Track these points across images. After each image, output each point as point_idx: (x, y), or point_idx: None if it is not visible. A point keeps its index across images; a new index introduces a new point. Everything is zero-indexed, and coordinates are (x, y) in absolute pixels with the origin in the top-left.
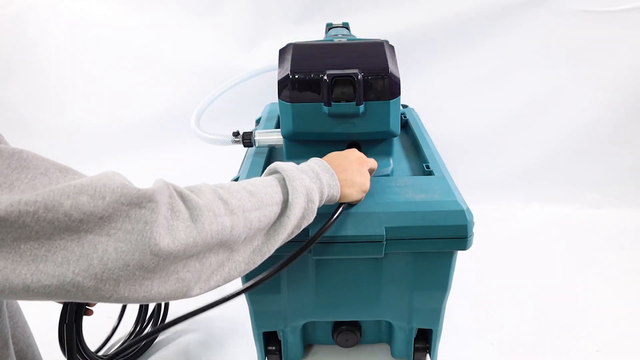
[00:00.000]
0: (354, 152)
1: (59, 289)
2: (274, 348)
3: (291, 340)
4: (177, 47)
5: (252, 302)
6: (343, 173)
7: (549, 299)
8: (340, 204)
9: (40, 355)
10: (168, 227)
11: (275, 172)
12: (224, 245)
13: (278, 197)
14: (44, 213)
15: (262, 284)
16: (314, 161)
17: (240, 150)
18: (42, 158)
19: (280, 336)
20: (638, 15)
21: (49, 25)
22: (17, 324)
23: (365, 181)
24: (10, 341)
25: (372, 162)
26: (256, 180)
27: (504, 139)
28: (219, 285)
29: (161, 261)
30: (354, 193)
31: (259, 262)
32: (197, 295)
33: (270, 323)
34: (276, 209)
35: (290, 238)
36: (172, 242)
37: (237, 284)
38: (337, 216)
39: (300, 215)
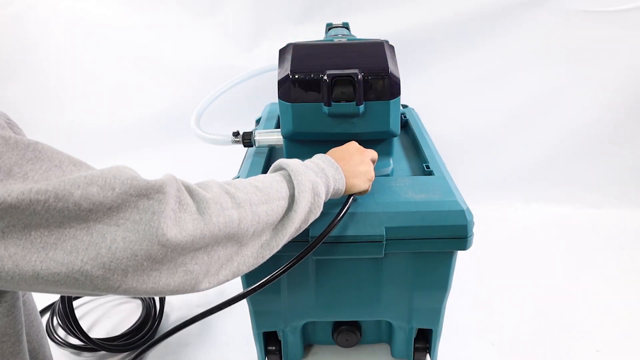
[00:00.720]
0: (353, 144)
1: (68, 278)
2: (274, 348)
3: (291, 340)
4: (177, 47)
5: (252, 302)
6: (346, 165)
7: (549, 299)
8: (349, 196)
9: (51, 356)
10: (175, 219)
11: (280, 168)
12: (232, 238)
13: (285, 192)
14: (54, 202)
15: (280, 277)
16: (318, 157)
17: (240, 150)
18: (57, 151)
19: (280, 336)
20: (638, 15)
21: (49, 25)
22: (33, 324)
23: (369, 169)
24: (24, 338)
25: (372, 152)
26: (262, 176)
27: (504, 139)
28: (227, 280)
29: (169, 252)
30: (361, 183)
31: (268, 257)
32: (205, 289)
33: (270, 323)
34: (283, 204)
35: (298, 233)
36: (180, 233)
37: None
38: (348, 207)
39: (307, 210)
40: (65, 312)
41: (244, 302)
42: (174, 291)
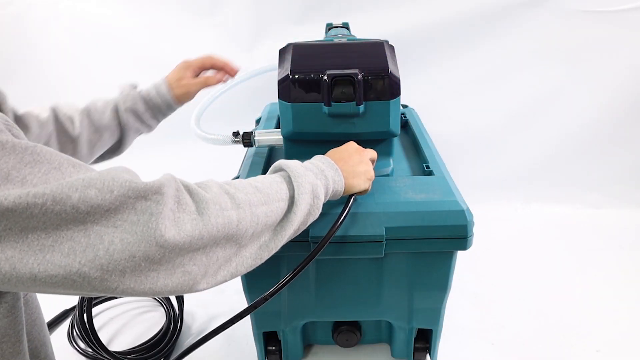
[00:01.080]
0: (351, 144)
1: (65, 279)
2: (274, 348)
3: (291, 340)
4: (177, 47)
5: (252, 303)
6: (345, 165)
7: (549, 299)
8: (349, 196)
9: (53, 355)
10: (174, 219)
11: (280, 169)
12: (231, 239)
13: (284, 194)
14: (52, 205)
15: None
16: (317, 158)
17: (240, 150)
18: (56, 153)
19: (280, 336)
20: (638, 15)
21: (49, 25)
22: (35, 322)
23: (368, 169)
24: (25, 338)
25: (371, 152)
26: (262, 177)
27: (504, 139)
28: (226, 281)
29: (167, 253)
30: (360, 183)
31: (266, 258)
32: (203, 289)
33: (270, 323)
34: (283, 205)
35: (297, 234)
36: (178, 233)
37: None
38: (350, 207)
39: (307, 212)
40: (82, 321)
41: (243, 302)
42: (172, 292)
